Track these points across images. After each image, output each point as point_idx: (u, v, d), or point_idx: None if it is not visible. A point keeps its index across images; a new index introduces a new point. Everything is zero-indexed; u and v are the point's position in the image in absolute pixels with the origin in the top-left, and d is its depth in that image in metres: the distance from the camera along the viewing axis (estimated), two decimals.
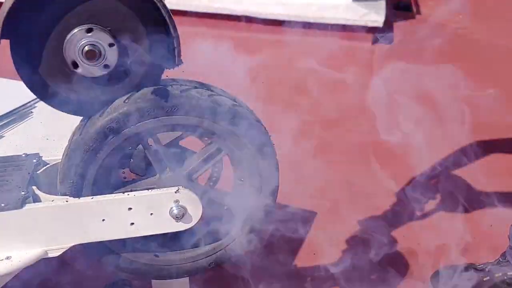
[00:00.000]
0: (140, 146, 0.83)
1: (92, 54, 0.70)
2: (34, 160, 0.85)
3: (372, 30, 3.91)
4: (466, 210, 2.01)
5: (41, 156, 0.87)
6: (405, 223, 1.92)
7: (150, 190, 0.80)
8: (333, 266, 1.52)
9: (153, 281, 1.32)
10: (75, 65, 0.71)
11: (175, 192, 0.79)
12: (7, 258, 0.76)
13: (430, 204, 2.06)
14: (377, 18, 3.96)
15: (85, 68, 0.71)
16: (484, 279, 1.48)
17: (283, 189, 0.90)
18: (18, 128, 1.14)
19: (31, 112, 1.22)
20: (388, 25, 4.14)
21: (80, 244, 0.80)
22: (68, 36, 0.70)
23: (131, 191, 0.80)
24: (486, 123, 2.63)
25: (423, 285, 1.65)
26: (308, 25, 4.06)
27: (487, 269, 1.50)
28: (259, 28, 4.14)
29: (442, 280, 1.53)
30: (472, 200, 2.06)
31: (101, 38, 0.71)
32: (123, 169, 0.87)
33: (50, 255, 0.79)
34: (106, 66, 0.72)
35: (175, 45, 0.75)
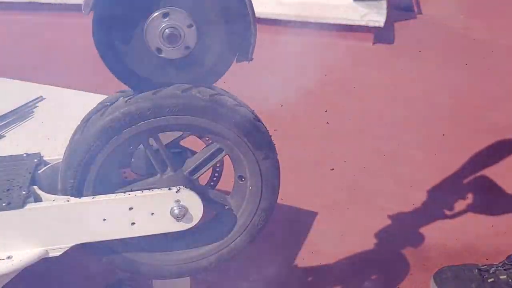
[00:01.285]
0: (141, 146, 0.83)
1: (173, 37, 0.71)
2: (35, 160, 0.85)
3: (373, 30, 3.91)
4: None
5: (42, 156, 0.87)
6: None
7: (151, 190, 0.80)
8: None
9: (154, 281, 1.32)
10: (159, 51, 0.73)
11: (176, 192, 0.79)
12: (8, 257, 0.76)
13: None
14: (378, 18, 3.96)
15: (167, 52, 0.73)
16: (489, 280, 1.47)
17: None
18: (19, 128, 1.14)
19: (32, 112, 1.22)
20: (389, 25, 4.14)
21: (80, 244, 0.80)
22: (148, 22, 0.71)
23: (132, 191, 0.80)
24: (489, 123, 2.63)
25: (424, 284, 1.65)
26: (308, 25, 4.06)
27: (491, 271, 1.50)
28: (259, 28, 4.14)
29: (445, 279, 1.53)
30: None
31: (179, 20, 0.71)
32: (124, 169, 0.87)
33: (51, 254, 0.79)
34: (187, 47, 0.74)
35: (251, 42, 0.75)
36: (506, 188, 2.12)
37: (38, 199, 0.78)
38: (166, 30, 0.72)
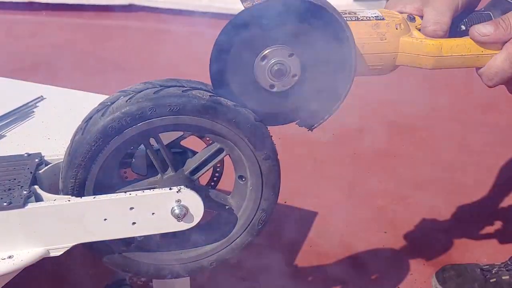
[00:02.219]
0: (142, 146, 0.83)
1: (280, 73, 0.75)
2: (36, 160, 0.85)
3: None
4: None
5: (43, 156, 0.87)
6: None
7: (151, 189, 0.80)
8: None
9: (154, 281, 1.32)
10: (272, 87, 0.77)
11: (177, 192, 0.79)
12: (9, 257, 0.76)
13: None
14: None
15: (279, 85, 0.77)
16: (491, 280, 1.48)
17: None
18: (19, 128, 1.15)
19: (33, 111, 1.22)
20: None
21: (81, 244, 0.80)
22: (259, 56, 0.76)
23: (132, 190, 0.80)
24: (489, 122, 2.63)
25: (425, 284, 1.65)
26: None
27: (493, 271, 1.50)
28: None
29: (447, 278, 1.53)
30: None
31: (280, 55, 0.75)
32: (125, 168, 0.87)
33: (52, 254, 0.79)
34: (294, 75, 0.77)
35: (351, 72, 0.76)
36: (505, 185, 2.12)
37: (39, 198, 0.78)
38: (274, 66, 0.75)
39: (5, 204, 0.74)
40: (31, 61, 3.46)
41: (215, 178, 0.94)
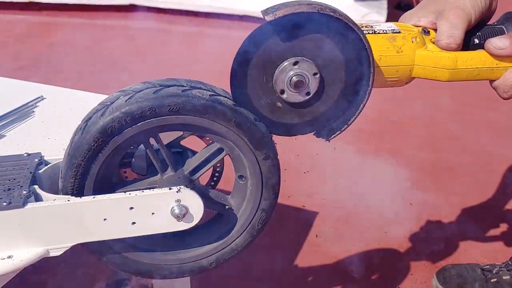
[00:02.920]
0: (142, 146, 0.83)
1: (300, 84, 0.77)
2: (36, 160, 0.85)
3: None
4: None
5: (43, 156, 0.87)
6: None
7: (151, 189, 0.80)
8: None
9: (154, 281, 1.32)
10: (282, 92, 0.78)
11: (177, 192, 0.79)
12: (9, 257, 0.76)
13: None
14: (378, 18, 3.96)
15: (290, 95, 0.78)
16: (492, 280, 1.47)
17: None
18: (19, 128, 1.14)
19: (33, 111, 1.22)
20: None
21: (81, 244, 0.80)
22: (279, 68, 0.77)
23: (132, 190, 0.80)
24: (489, 122, 2.63)
25: (425, 284, 1.65)
26: None
27: (494, 271, 1.49)
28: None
29: (448, 277, 1.53)
30: None
31: (307, 69, 0.76)
32: (125, 168, 0.87)
33: (52, 254, 0.79)
34: (307, 93, 0.78)
35: (369, 85, 0.78)
36: (506, 184, 2.12)
37: (38, 198, 0.78)
38: (294, 77, 0.76)
39: (4, 204, 0.74)
40: (31, 61, 3.46)
41: (215, 178, 0.94)
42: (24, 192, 0.76)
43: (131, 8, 4.32)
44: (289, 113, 0.81)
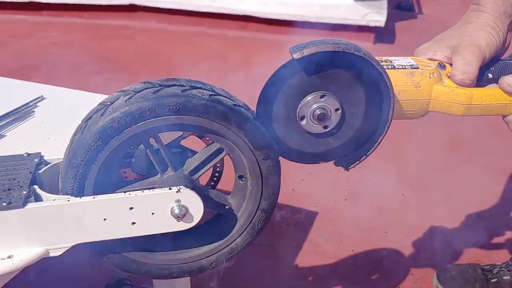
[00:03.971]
0: (142, 146, 0.83)
1: (322, 116, 0.80)
2: (36, 160, 0.85)
3: (374, 30, 3.91)
4: None
5: (43, 156, 0.87)
6: None
7: (151, 189, 0.80)
8: None
9: (154, 281, 1.32)
10: (302, 118, 0.81)
11: (177, 192, 0.79)
12: (9, 257, 0.76)
13: None
14: (378, 18, 3.96)
15: (309, 125, 0.82)
16: (492, 280, 1.48)
17: None
18: (19, 128, 1.14)
19: (33, 111, 1.22)
20: (390, 25, 4.14)
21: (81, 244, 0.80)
22: (304, 100, 0.81)
23: (132, 190, 0.80)
24: (488, 123, 2.63)
25: (426, 284, 1.65)
26: (309, 25, 4.05)
27: (494, 271, 1.50)
28: (261, 27, 4.15)
29: (449, 277, 1.53)
30: None
31: (330, 103, 0.80)
32: (125, 168, 0.87)
33: (52, 254, 0.79)
34: (325, 126, 0.82)
35: (383, 132, 0.82)
36: (506, 184, 2.12)
37: (38, 198, 0.78)
38: (317, 110, 0.80)
39: (4, 204, 0.74)
40: (31, 61, 3.46)
41: (215, 178, 0.94)
42: (24, 192, 0.76)
43: (131, 8, 4.32)
44: (309, 141, 0.84)
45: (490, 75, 0.87)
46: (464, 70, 0.83)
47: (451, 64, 0.86)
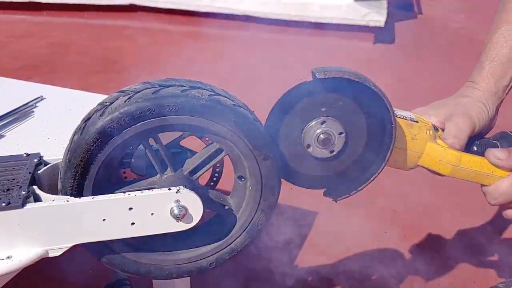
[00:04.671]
0: (141, 146, 0.83)
1: (326, 141, 0.82)
2: (35, 160, 0.85)
3: (373, 29, 3.91)
4: None
5: (42, 156, 0.87)
6: None
7: (150, 190, 0.80)
8: None
9: (154, 281, 1.32)
10: (308, 146, 0.84)
11: (176, 192, 0.79)
12: (8, 257, 0.76)
13: None
14: (378, 18, 3.96)
15: (315, 150, 0.84)
16: None
17: None
18: (19, 128, 1.14)
19: (32, 111, 1.22)
20: (389, 25, 4.14)
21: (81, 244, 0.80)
22: (308, 125, 0.83)
23: (131, 191, 0.80)
24: None
25: (425, 284, 1.65)
26: (309, 25, 4.06)
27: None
28: (261, 27, 4.15)
29: None
30: None
31: (333, 128, 0.82)
32: (124, 168, 0.87)
33: (51, 254, 0.78)
34: (331, 151, 0.84)
35: (384, 159, 0.84)
36: None
37: (38, 199, 0.78)
38: (321, 135, 0.82)
39: (3, 204, 0.74)
40: (31, 61, 3.46)
41: (214, 178, 0.93)
42: (23, 192, 0.76)
43: (131, 8, 4.33)
44: (307, 164, 0.86)
45: (475, 148, 0.94)
46: (456, 135, 0.90)
47: (443, 130, 0.92)
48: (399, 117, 0.87)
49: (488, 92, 0.97)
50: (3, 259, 0.76)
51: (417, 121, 0.89)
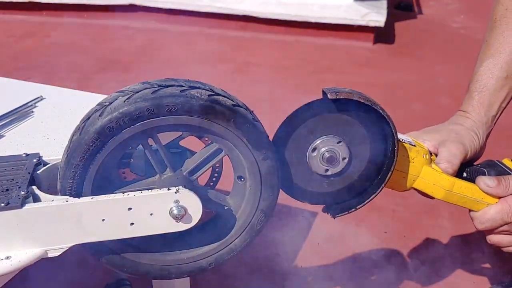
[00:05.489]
0: (140, 146, 0.83)
1: (331, 159, 0.85)
2: (34, 160, 0.85)
3: (373, 30, 3.91)
4: None
5: (42, 156, 0.87)
6: None
7: (150, 190, 0.80)
8: None
9: (154, 281, 1.32)
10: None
11: (175, 192, 0.79)
12: (7, 258, 0.76)
13: None
14: (378, 18, 3.96)
15: (319, 167, 0.86)
16: None
17: None
18: (18, 128, 1.14)
19: (32, 111, 1.22)
20: (389, 25, 4.14)
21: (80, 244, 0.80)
22: (314, 144, 0.86)
23: (131, 191, 0.79)
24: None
25: (425, 284, 1.64)
26: (309, 25, 4.05)
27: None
28: (261, 27, 4.14)
29: None
30: None
31: (341, 150, 0.85)
32: (123, 169, 0.87)
33: (50, 255, 0.78)
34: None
35: (384, 180, 0.87)
36: None
37: (37, 199, 0.78)
38: (326, 153, 0.85)
39: (2, 204, 0.74)
40: (31, 61, 3.46)
41: (214, 178, 0.94)
42: (22, 192, 0.76)
43: (131, 8, 4.32)
44: (309, 179, 0.88)
45: (465, 174, 0.98)
46: (449, 160, 0.94)
47: (436, 155, 0.97)
48: (399, 141, 0.89)
49: (479, 121, 1.02)
50: (2, 260, 0.76)
51: (415, 145, 0.92)
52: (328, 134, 0.85)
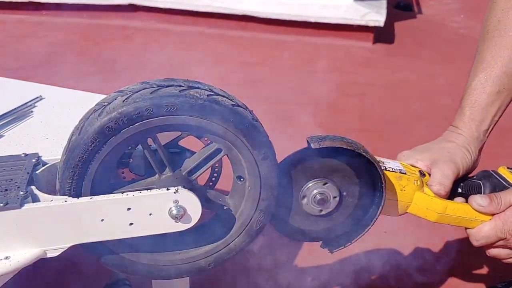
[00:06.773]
0: (140, 146, 0.82)
1: (322, 201, 0.89)
2: (34, 160, 0.85)
3: (373, 29, 3.91)
4: None
5: (41, 156, 0.87)
6: None
7: (149, 190, 0.80)
8: None
9: (153, 281, 1.32)
10: (320, 211, 0.91)
11: (174, 192, 0.78)
12: (6, 258, 0.76)
13: None
14: (378, 17, 3.96)
15: (308, 207, 0.90)
16: None
17: None
18: (17, 128, 1.14)
19: (31, 111, 1.22)
20: (389, 25, 4.13)
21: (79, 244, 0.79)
22: (306, 186, 0.89)
23: (130, 191, 0.79)
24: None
25: (424, 285, 1.64)
26: (309, 25, 4.05)
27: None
28: (260, 27, 4.14)
29: None
30: None
31: (331, 190, 0.89)
32: (123, 169, 0.87)
33: (49, 255, 0.78)
34: (320, 210, 0.90)
35: (372, 221, 0.91)
36: None
37: (36, 199, 0.78)
38: (318, 195, 0.89)
39: (1, 204, 0.74)
40: (31, 61, 3.46)
41: (213, 178, 0.93)
42: (21, 192, 0.76)
43: (131, 8, 4.32)
44: (301, 219, 0.92)
45: (460, 190, 1.00)
46: (441, 182, 0.95)
47: (429, 174, 0.98)
48: (389, 170, 0.92)
49: (471, 137, 1.03)
50: (1, 260, 0.75)
51: (405, 173, 0.94)
52: (316, 178, 0.88)
